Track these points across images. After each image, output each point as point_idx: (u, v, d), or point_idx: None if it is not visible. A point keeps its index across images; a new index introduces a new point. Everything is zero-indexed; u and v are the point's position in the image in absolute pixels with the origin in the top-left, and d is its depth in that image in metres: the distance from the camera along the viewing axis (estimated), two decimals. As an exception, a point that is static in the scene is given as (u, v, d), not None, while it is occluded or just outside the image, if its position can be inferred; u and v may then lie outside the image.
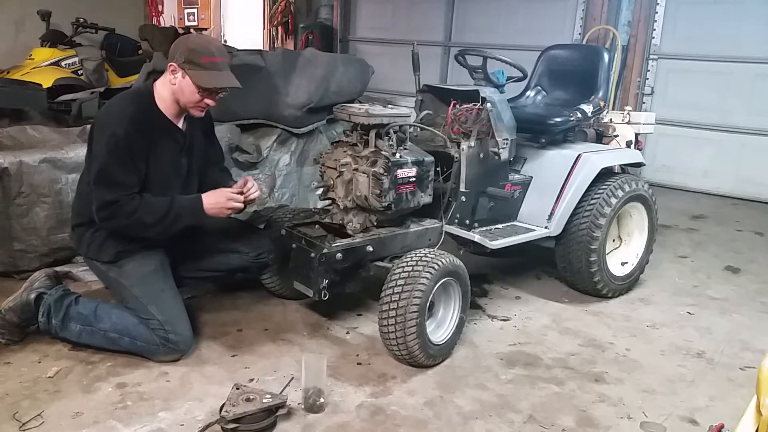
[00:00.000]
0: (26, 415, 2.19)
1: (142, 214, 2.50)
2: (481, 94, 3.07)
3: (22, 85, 4.87)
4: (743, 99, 6.05)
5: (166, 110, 2.62)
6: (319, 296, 2.73)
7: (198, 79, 2.50)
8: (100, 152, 2.48)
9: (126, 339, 2.56)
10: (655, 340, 3.06)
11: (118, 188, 2.48)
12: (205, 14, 10.64)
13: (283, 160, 4.21)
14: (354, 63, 4.59)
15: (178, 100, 2.59)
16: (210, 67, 2.52)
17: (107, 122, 2.53)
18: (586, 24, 6.72)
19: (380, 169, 2.72)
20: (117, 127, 2.47)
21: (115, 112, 2.57)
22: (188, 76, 2.50)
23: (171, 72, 2.54)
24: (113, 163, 2.47)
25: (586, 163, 3.33)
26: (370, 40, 9.08)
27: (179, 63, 2.51)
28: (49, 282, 2.69)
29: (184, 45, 2.54)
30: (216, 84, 2.54)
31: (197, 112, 2.62)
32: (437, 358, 2.69)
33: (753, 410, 1.43)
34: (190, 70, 2.50)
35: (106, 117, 2.59)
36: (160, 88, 2.61)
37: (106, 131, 2.49)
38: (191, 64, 2.50)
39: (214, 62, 2.52)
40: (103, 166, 2.47)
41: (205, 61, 2.50)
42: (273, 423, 2.19)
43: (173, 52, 2.54)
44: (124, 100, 2.63)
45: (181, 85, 2.54)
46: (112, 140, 2.46)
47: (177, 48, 2.54)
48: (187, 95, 2.55)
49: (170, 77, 2.55)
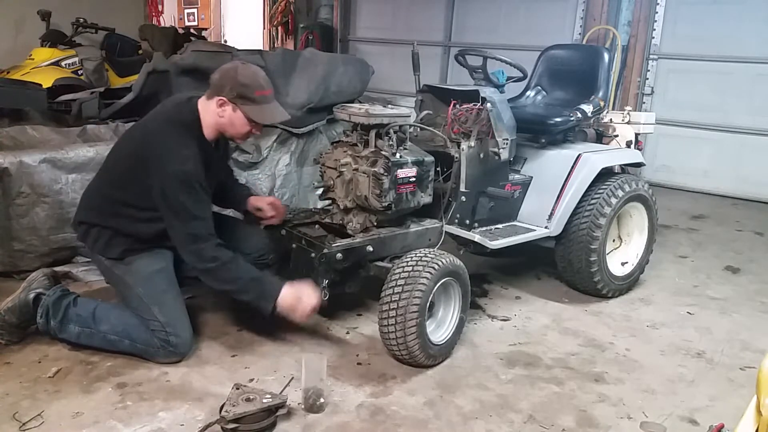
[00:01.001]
0: (26, 415, 2.19)
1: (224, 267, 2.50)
2: (481, 94, 3.07)
3: (22, 85, 4.86)
4: (743, 99, 6.05)
5: (208, 135, 2.62)
6: (319, 296, 2.72)
7: (253, 115, 2.52)
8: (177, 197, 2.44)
9: (126, 341, 2.56)
10: (655, 340, 3.06)
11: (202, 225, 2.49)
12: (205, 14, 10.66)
13: (283, 160, 4.21)
14: (354, 63, 4.59)
15: (224, 132, 2.61)
16: (262, 101, 2.54)
17: (176, 157, 2.46)
18: (586, 24, 6.73)
19: (380, 169, 2.72)
20: (184, 164, 2.44)
21: (177, 147, 2.49)
22: (241, 111, 2.51)
23: (219, 105, 2.52)
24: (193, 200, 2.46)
25: (586, 163, 3.33)
26: (370, 40, 9.09)
27: (230, 98, 2.49)
28: (47, 282, 2.69)
29: (234, 79, 2.49)
30: (272, 120, 2.60)
31: (240, 141, 2.70)
32: (437, 358, 2.69)
33: (753, 410, 1.44)
34: (244, 106, 2.50)
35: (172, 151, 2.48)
36: (205, 115, 2.58)
37: (171, 166, 2.44)
38: (244, 99, 2.50)
39: (265, 96, 2.54)
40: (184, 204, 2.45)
41: (258, 95, 2.51)
42: (273, 423, 2.19)
43: (220, 85, 2.50)
44: (179, 131, 2.53)
45: (231, 119, 2.54)
46: (187, 179, 2.44)
47: (225, 81, 2.50)
48: (237, 128, 2.57)
49: (218, 110, 2.53)
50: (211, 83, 2.57)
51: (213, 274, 2.53)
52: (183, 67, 4.03)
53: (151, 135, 2.59)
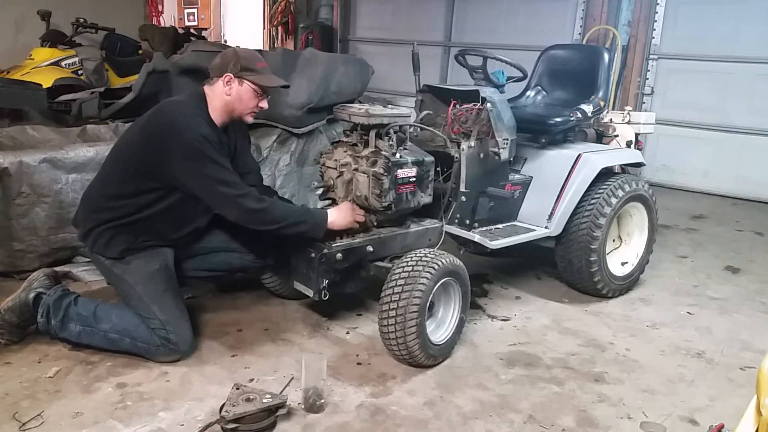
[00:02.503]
0: (26, 415, 2.19)
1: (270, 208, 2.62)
2: (481, 94, 3.07)
3: (22, 85, 4.86)
4: (743, 99, 6.05)
5: (216, 120, 2.67)
6: (319, 296, 2.73)
7: (261, 81, 2.63)
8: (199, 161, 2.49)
9: (126, 340, 2.57)
10: (655, 340, 3.06)
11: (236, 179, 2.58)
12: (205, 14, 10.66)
13: (283, 160, 4.20)
14: (354, 63, 4.59)
15: (233, 110, 2.66)
16: (264, 71, 2.67)
17: (185, 130, 2.51)
18: (586, 24, 6.73)
19: (380, 169, 2.72)
20: (199, 128, 2.52)
21: (187, 115, 2.56)
22: (248, 82, 2.61)
23: (226, 83, 2.60)
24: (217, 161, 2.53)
25: (586, 163, 3.33)
26: (370, 40, 9.09)
27: (235, 73, 2.59)
28: (47, 282, 2.69)
29: (235, 56, 2.62)
30: (276, 83, 2.71)
31: (251, 117, 2.73)
32: (437, 358, 2.69)
33: (753, 410, 1.44)
34: (249, 76, 2.61)
35: (179, 127, 2.52)
36: (212, 98, 2.65)
37: (187, 134, 2.49)
38: (248, 71, 2.61)
39: (265, 67, 2.68)
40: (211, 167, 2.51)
41: (259, 66, 2.65)
42: (273, 423, 2.19)
43: (223, 64, 2.61)
44: (186, 107, 2.62)
45: (239, 93, 2.62)
46: (203, 141, 2.50)
47: (227, 60, 2.62)
48: (245, 101, 2.64)
49: (224, 89, 2.61)
50: (212, 69, 2.66)
51: (265, 214, 2.61)
52: (183, 67, 4.03)
53: (155, 116, 2.64)
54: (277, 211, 2.65)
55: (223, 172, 2.55)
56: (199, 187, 2.55)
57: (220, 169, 2.54)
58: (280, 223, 2.64)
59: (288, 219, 2.65)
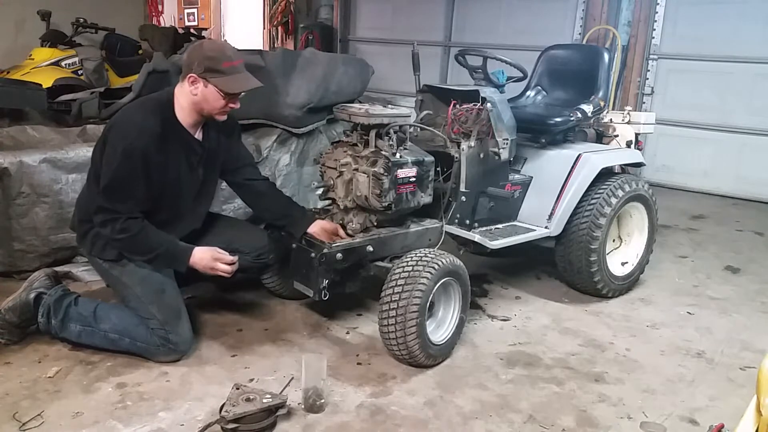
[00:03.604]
0: (26, 415, 2.19)
1: (134, 238, 2.51)
2: (481, 94, 3.07)
3: (22, 85, 4.86)
4: (743, 99, 6.05)
5: (185, 120, 2.59)
6: (319, 296, 2.73)
7: (224, 86, 2.49)
8: (114, 160, 2.46)
9: (126, 340, 2.57)
10: (655, 340, 3.06)
11: (124, 200, 2.49)
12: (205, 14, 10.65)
13: (283, 160, 4.20)
14: (354, 63, 4.59)
15: (201, 110, 2.57)
16: (231, 72, 2.51)
17: (127, 132, 2.48)
18: (586, 24, 6.73)
19: (380, 169, 2.72)
20: (136, 140, 2.45)
21: (136, 123, 2.51)
22: (212, 85, 2.48)
23: (191, 83, 2.50)
24: (125, 174, 2.46)
25: (586, 163, 3.33)
26: (370, 40, 9.08)
27: (199, 73, 2.47)
28: (48, 282, 2.69)
29: (200, 54, 2.49)
30: (242, 88, 2.55)
31: (221, 117, 2.62)
32: (437, 358, 2.69)
33: (753, 410, 1.44)
34: (213, 78, 2.48)
35: (126, 126, 2.52)
36: (180, 97, 2.57)
37: (124, 141, 2.46)
38: (212, 72, 2.47)
39: (233, 66, 2.52)
40: (115, 175, 2.46)
41: (225, 66, 2.49)
42: (273, 423, 2.19)
43: (189, 63, 2.50)
44: (145, 110, 2.56)
45: (204, 95, 2.51)
46: (128, 152, 2.44)
47: (192, 58, 2.50)
48: (211, 103, 2.53)
49: (190, 88, 2.51)
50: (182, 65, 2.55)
51: (121, 244, 2.54)
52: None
53: (113, 122, 2.61)
54: (136, 246, 2.54)
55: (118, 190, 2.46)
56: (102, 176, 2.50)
57: (118, 185, 2.46)
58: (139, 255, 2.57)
59: (147, 254, 2.56)
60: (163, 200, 2.60)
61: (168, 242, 2.59)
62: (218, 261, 2.62)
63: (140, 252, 2.57)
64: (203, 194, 2.81)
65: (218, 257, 2.62)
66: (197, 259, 2.61)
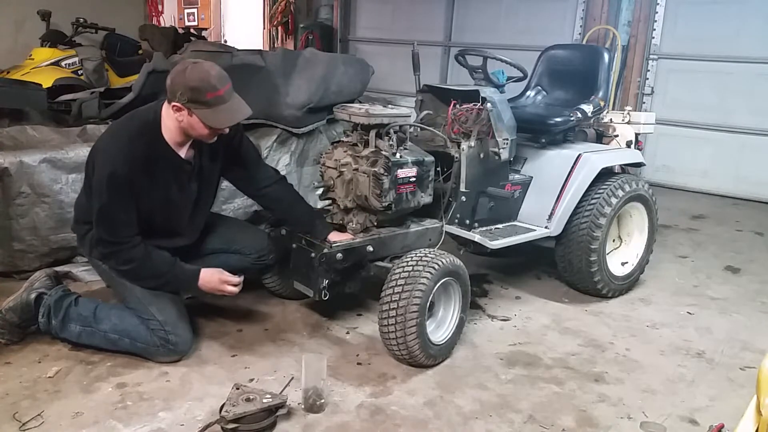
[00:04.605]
0: (26, 415, 2.19)
1: (140, 265, 2.53)
2: (481, 94, 3.07)
3: (22, 85, 4.85)
4: (743, 99, 6.05)
5: (172, 140, 2.52)
6: (319, 296, 2.73)
7: (206, 119, 2.39)
8: (101, 189, 2.42)
9: (126, 340, 2.57)
10: (655, 340, 3.06)
11: (119, 229, 2.49)
12: (205, 14, 10.65)
13: (283, 160, 4.20)
14: (354, 63, 4.58)
15: (188, 134, 2.51)
16: (216, 103, 2.38)
17: (111, 158, 2.43)
18: (586, 24, 6.73)
19: (380, 169, 2.72)
20: (120, 166, 2.40)
21: (120, 149, 2.45)
22: (195, 116, 2.39)
23: (175, 110, 2.40)
24: (114, 203, 2.43)
25: (586, 163, 3.33)
26: (370, 40, 9.08)
27: (182, 102, 2.37)
28: (49, 282, 2.70)
29: (183, 83, 2.35)
30: (228, 123, 2.45)
31: (211, 140, 2.54)
32: (437, 358, 2.69)
33: (753, 410, 1.44)
34: (197, 110, 2.37)
35: (110, 152, 2.46)
36: (166, 118, 2.49)
37: (107, 167, 2.41)
38: (196, 103, 2.36)
39: (218, 96, 2.38)
40: (104, 206, 2.44)
41: (209, 97, 2.36)
42: (273, 423, 2.19)
43: (172, 90, 2.37)
44: (129, 133, 2.49)
45: (190, 123, 2.43)
46: (113, 179, 2.40)
47: (176, 86, 2.37)
48: (198, 131, 2.45)
49: (175, 115, 2.42)
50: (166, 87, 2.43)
51: (128, 275, 2.57)
52: (183, 67, 4.01)
53: (100, 137, 2.60)
54: (144, 272, 2.54)
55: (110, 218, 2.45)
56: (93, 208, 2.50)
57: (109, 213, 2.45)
58: (147, 281, 2.58)
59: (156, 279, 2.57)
60: (156, 221, 2.58)
61: (174, 266, 2.60)
62: (225, 283, 2.64)
63: (147, 279, 2.58)
64: (199, 209, 2.77)
65: (225, 279, 2.65)
66: (204, 282, 2.63)
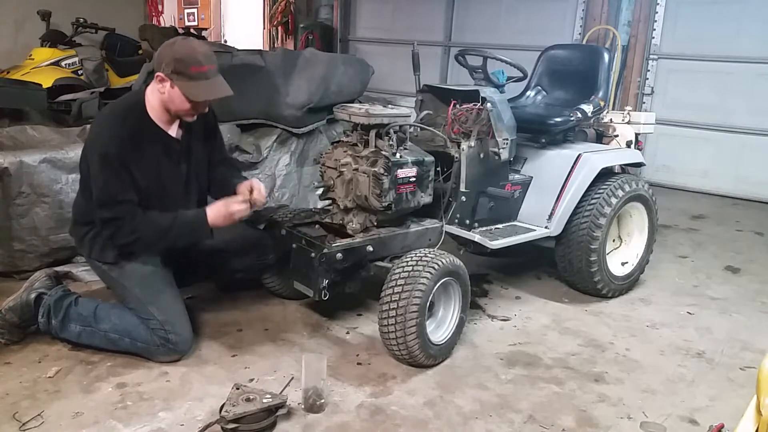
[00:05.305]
0: (26, 415, 2.19)
1: (144, 230, 2.52)
2: (481, 94, 3.07)
3: (22, 85, 4.86)
4: (743, 99, 6.05)
5: (158, 118, 2.57)
6: (319, 296, 2.73)
7: (187, 91, 2.45)
8: (97, 173, 2.47)
9: (126, 340, 2.57)
10: (655, 340, 3.06)
11: (120, 206, 2.49)
12: (205, 14, 10.64)
13: (283, 160, 4.21)
14: (354, 63, 4.59)
15: (168, 109, 2.55)
16: (199, 77, 2.45)
17: (99, 142, 2.50)
18: (586, 24, 6.73)
19: (380, 169, 2.72)
20: (109, 147, 2.45)
21: (106, 131, 2.52)
22: (177, 87, 2.44)
23: (158, 81, 2.47)
24: (111, 182, 2.46)
25: (586, 163, 3.33)
26: (370, 40, 9.09)
27: (166, 73, 2.43)
28: (49, 282, 2.70)
29: (170, 54, 2.43)
30: (207, 96, 2.51)
31: (189, 118, 2.60)
32: (437, 358, 2.69)
33: (753, 410, 1.44)
34: (179, 81, 2.43)
35: (98, 136, 2.54)
36: (150, 96, 2.55)
37: (98, 150, 2.47)
38: (179, 74, 2.42)
39: (201, 72, 2.45)
40: (102, 186, 2.47)
41: (193, 71, 2.43)
42: (273, 423, 2.19)
43: (159, 61, 2.45)
44: (115, 116, 2.56)
45: (170, 95, 2.48)
46: (106, 160, 2.44)
47: (163, 57, 2.44)
48: (177, 104, 2.50)
49: (158, 86, 2.48)
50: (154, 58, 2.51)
51: (138, 245, 2.56)
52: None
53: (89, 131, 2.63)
54: (150, 235, 2.54)
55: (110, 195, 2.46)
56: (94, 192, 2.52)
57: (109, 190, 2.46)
58: (158, 242, 2.58)
59: (164, 237, 2.56)
60: (151, 199, 2.58)
61: (177, 218, 2.58)
62: (235, 209, 2.60)
63: (158, 241, 2.57)
64: (192, 188, 2.78)
65: (231, 206, 2.61)
66: (214, 218, 2.59)
